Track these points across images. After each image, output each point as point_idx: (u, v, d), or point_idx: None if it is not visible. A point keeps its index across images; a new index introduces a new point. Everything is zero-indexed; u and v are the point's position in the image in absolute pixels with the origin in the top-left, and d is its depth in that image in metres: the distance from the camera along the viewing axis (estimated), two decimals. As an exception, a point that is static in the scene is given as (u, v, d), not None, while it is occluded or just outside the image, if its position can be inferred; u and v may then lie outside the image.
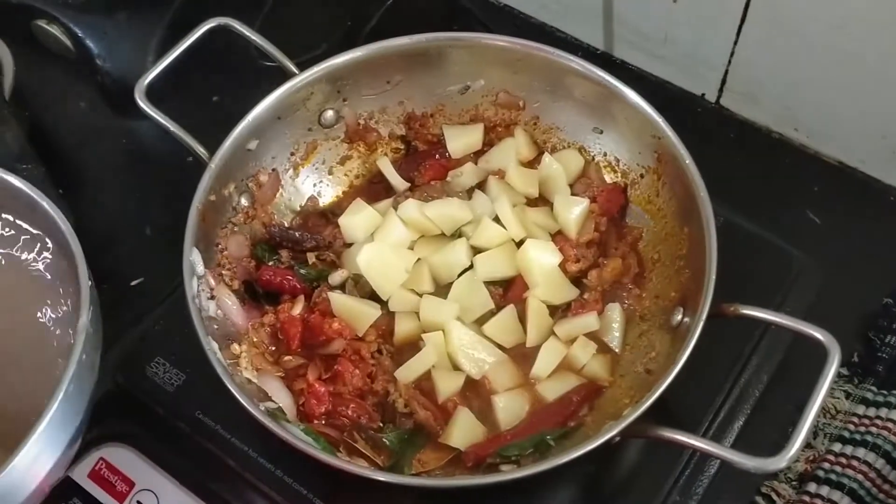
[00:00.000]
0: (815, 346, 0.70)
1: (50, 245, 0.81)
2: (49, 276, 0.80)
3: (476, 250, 0.88)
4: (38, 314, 0.79)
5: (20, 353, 0.79)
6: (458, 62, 0.93)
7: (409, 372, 0.82)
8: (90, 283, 0.74)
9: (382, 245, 0.87)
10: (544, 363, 0.83)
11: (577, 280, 0.88)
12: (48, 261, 0.81)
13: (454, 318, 0.84)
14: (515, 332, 0.85)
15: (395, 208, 0.90)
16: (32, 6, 1.01)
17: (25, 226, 0.81)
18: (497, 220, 0.88)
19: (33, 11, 1.01)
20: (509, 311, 0.85)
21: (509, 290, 0.87)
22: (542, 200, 0.92)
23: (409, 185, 0.93)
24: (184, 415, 0.85)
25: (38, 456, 0.68)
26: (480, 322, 0.85)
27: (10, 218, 0.82)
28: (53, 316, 0.79)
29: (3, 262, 0.81)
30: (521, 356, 0.84)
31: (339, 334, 0.84)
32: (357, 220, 0.89)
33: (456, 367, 0.84)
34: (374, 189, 0.96)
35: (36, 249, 0.81)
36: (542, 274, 0.85)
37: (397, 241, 0.88)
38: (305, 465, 0.80)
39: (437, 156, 0.95)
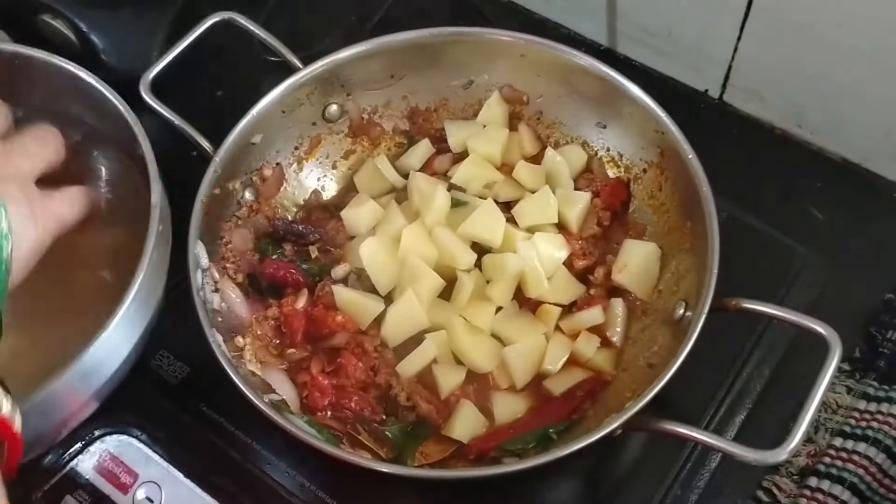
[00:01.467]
0: (816, 341, 0.70)
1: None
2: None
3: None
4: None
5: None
6: (462, 57, 0.93)
7: (410, 366, 0.83)
8: (154, 159, 0.75)
9: (384, 238, 0.87)
10: (554, 357, 0.83)
11: (581, 276, 0.88)
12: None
13: (458, 315, 0.84)
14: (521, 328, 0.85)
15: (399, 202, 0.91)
16: (37, 1, 1.01)
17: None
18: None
19: (38, 6, 1.01)
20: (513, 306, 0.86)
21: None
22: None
23: (405, 181, 0.94)
24: (188, 407, 0.86)
25: (124, 333, 0.70)
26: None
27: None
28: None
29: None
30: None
31: (342, 327, 0.84)
32: (359, 212, 0.90)
33: (458, 362, 0.84)
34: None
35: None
36: (551, 269, 0.86)
37: (398, 234, 0.88)
38: (309, 457, 0.81)
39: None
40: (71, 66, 0.80)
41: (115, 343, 0.69)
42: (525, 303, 0.86)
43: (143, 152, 0.75)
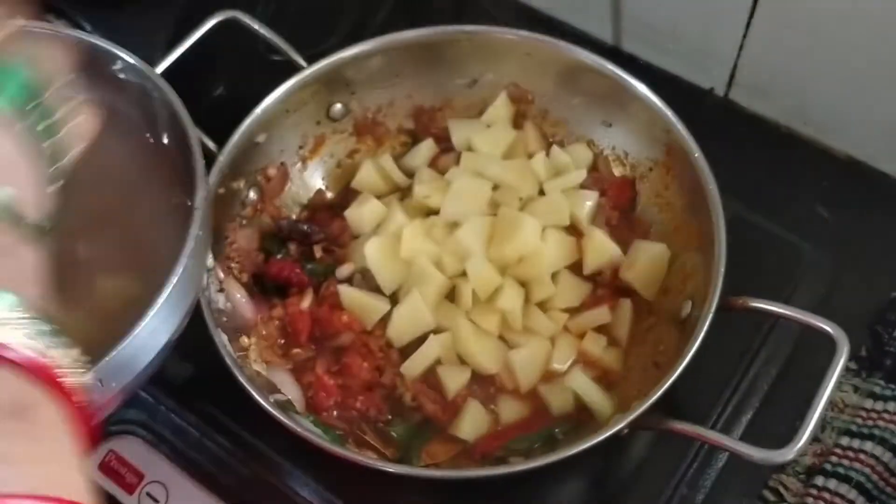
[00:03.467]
0: (823, 340, 0.70)
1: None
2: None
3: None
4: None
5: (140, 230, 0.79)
6: (467, 55, 0.93)
7: (414, 366, 0.83)
8: (202, 160, 0.74)
9: (388, 238, 0.87)
10: (561, 356, 0.83)
11: (588, 275, 0.87)
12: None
13: (464, 316, 0.84)
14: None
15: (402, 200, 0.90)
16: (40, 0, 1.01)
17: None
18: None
19: (41, 6, 1.02)
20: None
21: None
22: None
23: (410, 181, 0.93)
24: (193, 407, 0.86)
25: (160, 325, 0.68)
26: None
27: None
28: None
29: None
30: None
31: (348, 327, 0.84)
32: (363, 211, 0.90)
33: (463, 362, 0.84)
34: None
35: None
36: (558, 266, 0.85)
37: (402, 233, 0.87)
38: (314, 457, 0.80)
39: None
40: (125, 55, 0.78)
41: (144, 342, 0.67)
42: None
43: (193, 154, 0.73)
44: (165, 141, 0.79)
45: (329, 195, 0.95)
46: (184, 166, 0.74)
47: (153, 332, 0.67)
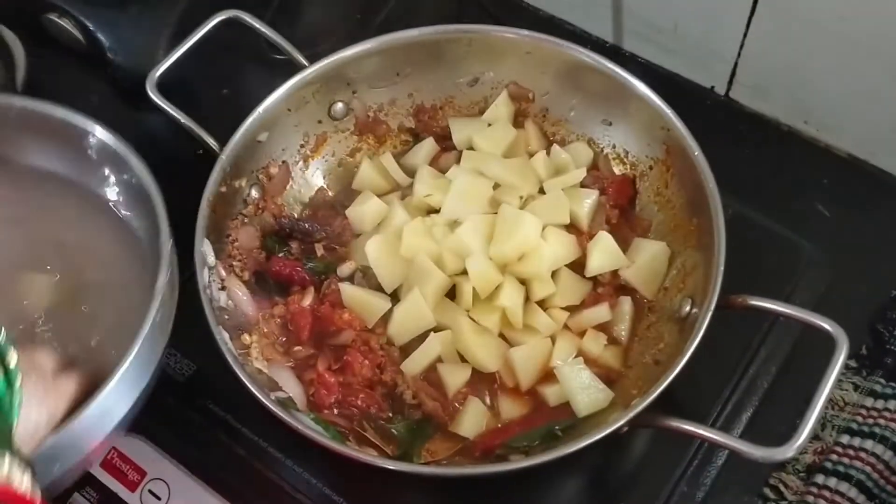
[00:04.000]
0: (823, 338, 0.70)
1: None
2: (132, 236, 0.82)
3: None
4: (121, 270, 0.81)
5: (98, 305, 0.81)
6: (468, 54, 0.93)
7: (414, 364, 0.83)
8: (171, 241, 0.74)
9: (389, 236, 0.87)
10: (563, 353, 0.83)
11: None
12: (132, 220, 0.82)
13: (464, 314, 0.84)
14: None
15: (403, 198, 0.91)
16: (43, 0, 1.02)
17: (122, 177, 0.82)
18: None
19: (44, 5, 1.02)
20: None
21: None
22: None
23: (410, 180, 0.93)
24: (195, 405, 0.86)
25: (110, 407, 0.69)
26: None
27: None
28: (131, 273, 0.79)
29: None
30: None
31: (349, 325, 0.84)
32: (364, 210, 0.90)
33: (463, 360, 0.84)
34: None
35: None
36: (559, 264, 0.85)
37: (400, 231, 0.88)
38: (315, 455, 0.81)
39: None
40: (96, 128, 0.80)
41: (111, 404, 0.69)
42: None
43: (159, 217, 0.75)
44: (135, 220, 0.80)
45: (330, 193, 0.96)
46: (151, 246, 0.75)
47: (102, 414, 0.68)
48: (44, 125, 0.81)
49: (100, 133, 0.80)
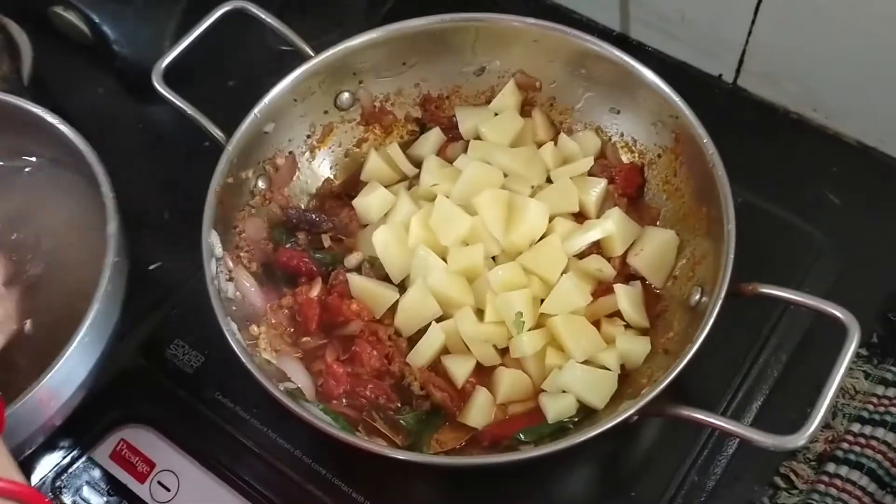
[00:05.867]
0: (834, 326, 0.70)
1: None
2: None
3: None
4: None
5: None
6: (474, 43, 0.93)
7: (418, 356, 0.83)
8: (112, 195, 0.78)
9: (396, 227, 0.87)
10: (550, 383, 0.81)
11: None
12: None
13: (469, 304, 0.83)
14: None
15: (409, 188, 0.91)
16: (49, -7, 1.02)
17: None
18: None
19: (50, -3, 1.02)
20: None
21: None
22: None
23: (417, 170, 0.93)
24: (203, 396, 0.86)
25: (71, 371, 0.73)
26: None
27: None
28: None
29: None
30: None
31: (357, 316, 0.84)
32: (371, 200, 0.90)
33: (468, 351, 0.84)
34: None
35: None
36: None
37: (410, 222, 0.87)
38: (324, 445, 0.81)
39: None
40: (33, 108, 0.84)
41: (69, 371, 0.72)
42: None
43: (101, 184, 0.78)
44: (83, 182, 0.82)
45: (337, 184, 0.95)
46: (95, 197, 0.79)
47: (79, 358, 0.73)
48: None
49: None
